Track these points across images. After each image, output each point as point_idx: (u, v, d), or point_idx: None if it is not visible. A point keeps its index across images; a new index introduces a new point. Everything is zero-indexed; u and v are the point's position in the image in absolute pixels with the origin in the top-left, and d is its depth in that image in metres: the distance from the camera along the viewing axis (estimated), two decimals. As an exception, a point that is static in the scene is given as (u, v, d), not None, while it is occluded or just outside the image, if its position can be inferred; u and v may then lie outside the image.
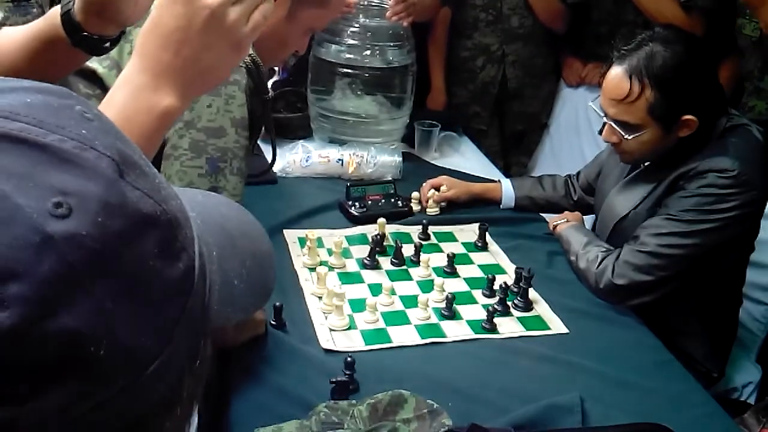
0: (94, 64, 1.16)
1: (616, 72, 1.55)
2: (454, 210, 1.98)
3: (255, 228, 0.54)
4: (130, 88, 0.72)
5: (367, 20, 2.20)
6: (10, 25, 0.94)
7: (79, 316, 0.33)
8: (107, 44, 0.88)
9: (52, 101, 0.39)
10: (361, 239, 1.78)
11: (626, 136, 1.57)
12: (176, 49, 0.71)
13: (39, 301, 0.32)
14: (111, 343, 0.34)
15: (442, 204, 1.98)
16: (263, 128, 1.42)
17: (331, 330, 1.43)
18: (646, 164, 1.69)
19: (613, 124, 1.58)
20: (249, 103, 1.27)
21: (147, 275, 0.36)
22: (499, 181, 2.06)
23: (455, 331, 1.47)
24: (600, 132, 1.64)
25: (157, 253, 0.37)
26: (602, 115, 1.62)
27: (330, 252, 1.70)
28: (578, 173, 2.02)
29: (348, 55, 2.21)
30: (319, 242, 1.72)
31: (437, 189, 1.98)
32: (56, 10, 0.86)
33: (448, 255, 1.70)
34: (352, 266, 1.68)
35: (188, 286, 0.39)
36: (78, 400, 0.34)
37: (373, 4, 2.23)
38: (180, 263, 0.38)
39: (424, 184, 1.99)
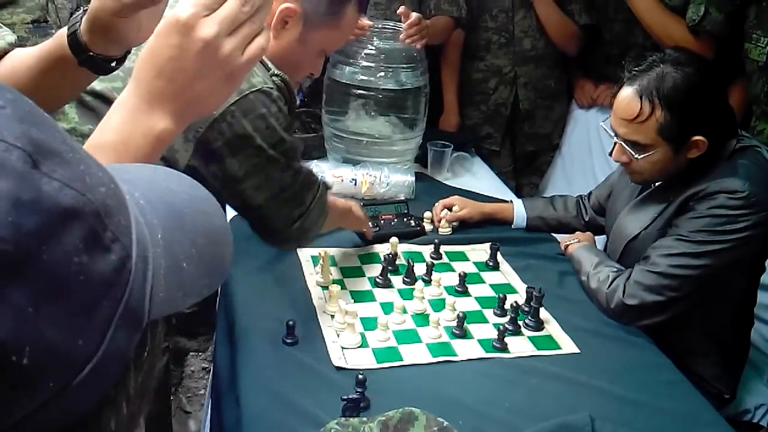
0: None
1: (627, 92, 1.57)
2: (466, 230, 1.99)
3: (208, 203, 0.50)
4: (125, 111, 0.74)
5: (381, 43, 2.23)
6: (31, 46, 0.98)
7: None
8: (113, 63, 0.92)
9: None
10: (374, 258, 1.80)
11: (636, 156, 1.58)
12: (169, 77, 0.73)
13: None
14: (36, 350, 0.32)
15: (454, 224, 1.99)
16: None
17: (343, 348, 1.44)
18: (656, 185, 1.70)
19: (624, 144, 1.59)
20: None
21: (73, 273, 0.34)
22: (510, 201, 2.08)
23: (466, 349, 1.48)
24: (611, 153, 1.66)
25: (83, 247, 0.34)
26: (613, 134, 1.64)
27: (343, 271, 1.71)
28: (589, 194, 2.03)
29: (362, 77, 2.24)
30: (332, 261, 1.74)
31: (449, 209, 1.99)
32: (64, 30, 0.90)
33: (459, 274, 1.71)
34: (364, 285, 1.69)
35: (124, 278, 0.37)
36: (3, 411, 0.32)
37: (387, 27, 2.27)
38: (112, 255, 0.36)
39: (436, 204, 2.01)
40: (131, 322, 0.37)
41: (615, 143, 1.63)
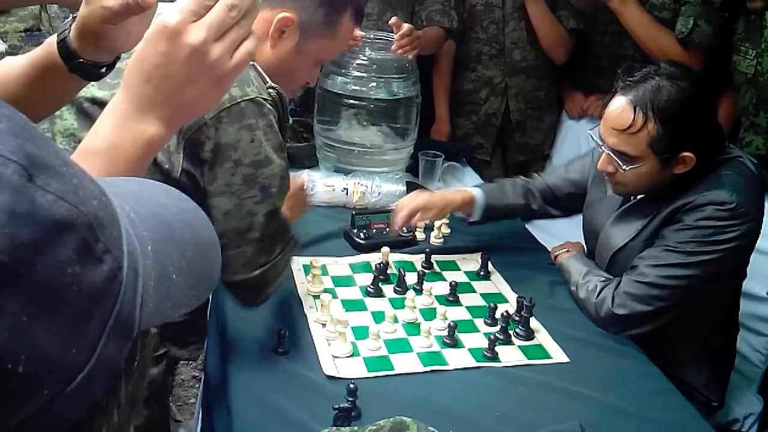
0: None
1: (620, 102, 1.55)
2: (457, 240, 2.00)
3: (196, 216, 0.51)
4: (115, 117, 0.75)
5: (373, 53, 2.24)
6: (23, 54, 0.99)
7: None
8: (102, 70, 0.92)
9: None
10: (365, 267, 1.80)
11: (624, 167, 1.57)
12: (158, 83, 0.73)
13: None
14: (31, 358, 0.33)
15: (445, 233, 2.00)
16: None
17: (334, 357, 1.44)
18: (638, 197, 1.70)
19: (612, 154, 1.58)
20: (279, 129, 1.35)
21: (66, 284, 0.35)
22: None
23: (457, 359, 1.49)
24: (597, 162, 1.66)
25: (76, 258, 0.35)
26: (600, 144, 1.63)
27: (335, 280, 1.72)
28: (540, 179, 1.98)
29: (354, 87, 2.25)
30: (324, 270, 1.74)
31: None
32: (53, 38, 0.91)
33: (450, 283, 1.72)
34: (355, 294, 1.70)
35: (115, 288, 0.38)
36: None
37: (379, 37, 2.28)
38: (104, 266, 0.37)
39: (398, 211, 1.82)
40: (122, 332, 0.38)
41: (602, 152, 1.63)
